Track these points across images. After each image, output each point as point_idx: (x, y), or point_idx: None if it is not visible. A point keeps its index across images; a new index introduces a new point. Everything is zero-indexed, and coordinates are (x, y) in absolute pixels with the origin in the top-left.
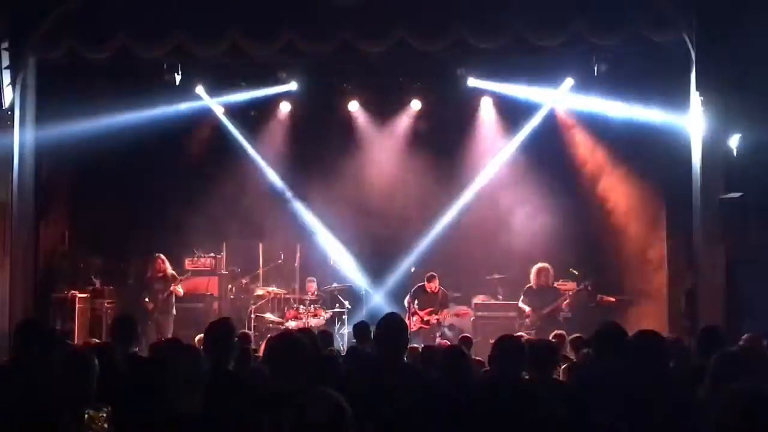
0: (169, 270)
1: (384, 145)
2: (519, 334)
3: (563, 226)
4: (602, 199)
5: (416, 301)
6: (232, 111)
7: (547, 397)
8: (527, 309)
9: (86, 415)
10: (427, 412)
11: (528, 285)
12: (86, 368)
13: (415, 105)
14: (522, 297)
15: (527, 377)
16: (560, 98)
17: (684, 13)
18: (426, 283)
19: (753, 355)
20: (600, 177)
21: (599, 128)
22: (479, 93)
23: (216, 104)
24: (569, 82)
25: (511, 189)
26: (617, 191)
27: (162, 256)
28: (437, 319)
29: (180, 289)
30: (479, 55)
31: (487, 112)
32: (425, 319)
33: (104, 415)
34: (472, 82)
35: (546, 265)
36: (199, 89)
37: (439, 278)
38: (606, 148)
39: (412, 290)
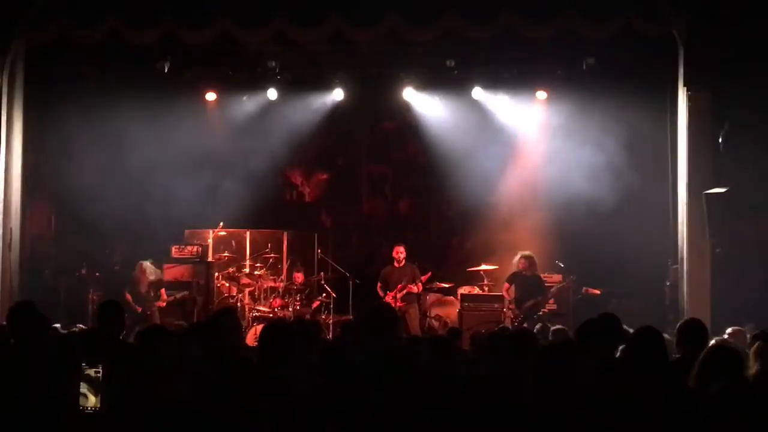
0: (153, 277)
1: (373, 136)
2: (503, 326)
3: (550, 218)
4: (585, 192)
5: (386, 285)
6: (222, 97)
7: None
8: (509, 302)
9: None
10: (420, 402)
11: (513, 271)
12: (73, 352)
13: (405, 96)
14: (506, 283)
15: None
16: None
17: (675, 6)
18: (394, 251)
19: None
20: (585, 171)
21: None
22: (469, 84)
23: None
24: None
25: (500, 181)
26: (602, 184)
27: (147, 263)
28: (418, 286)
29: (162, 303)
30: (469, 46)
31: (477, 104)
32: (401, 295)
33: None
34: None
35: (528, 253)
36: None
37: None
38: (591, 141)
39: (380, 276)
